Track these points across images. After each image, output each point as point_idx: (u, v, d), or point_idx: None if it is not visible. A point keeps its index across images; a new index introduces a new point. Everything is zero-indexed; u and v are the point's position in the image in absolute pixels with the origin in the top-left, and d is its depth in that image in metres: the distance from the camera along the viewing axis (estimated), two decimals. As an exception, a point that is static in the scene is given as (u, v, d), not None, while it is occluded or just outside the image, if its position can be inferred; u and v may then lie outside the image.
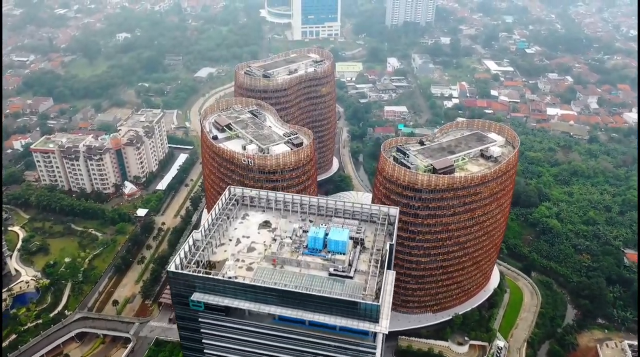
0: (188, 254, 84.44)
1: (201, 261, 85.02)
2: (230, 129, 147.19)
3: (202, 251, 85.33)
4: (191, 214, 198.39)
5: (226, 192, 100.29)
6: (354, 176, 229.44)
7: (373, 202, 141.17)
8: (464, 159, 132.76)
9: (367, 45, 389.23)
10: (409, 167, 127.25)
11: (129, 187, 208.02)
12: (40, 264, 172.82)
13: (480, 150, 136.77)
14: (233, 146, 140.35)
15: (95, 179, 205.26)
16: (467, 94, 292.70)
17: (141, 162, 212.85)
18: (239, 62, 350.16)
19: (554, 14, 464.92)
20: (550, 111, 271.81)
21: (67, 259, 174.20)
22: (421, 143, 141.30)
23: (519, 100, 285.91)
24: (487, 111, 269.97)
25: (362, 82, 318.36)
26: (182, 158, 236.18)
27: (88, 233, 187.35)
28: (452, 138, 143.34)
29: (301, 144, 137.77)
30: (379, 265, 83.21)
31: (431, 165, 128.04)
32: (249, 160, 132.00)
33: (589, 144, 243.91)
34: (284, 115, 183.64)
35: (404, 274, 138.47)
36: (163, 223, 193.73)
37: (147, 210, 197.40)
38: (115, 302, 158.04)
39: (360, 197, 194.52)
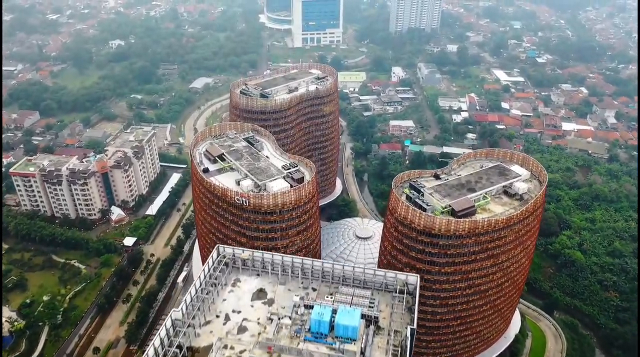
0: (165, 340, 69.26)
1: (182, 348, 69.78)
2: (223, 159, 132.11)
3: (183, 336, 70.08)
4: (182, 243, 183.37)
5: (214, 253, 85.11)
6: (358, 199, 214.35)
7: (382, 245, 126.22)
8: (485, 197, 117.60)
9: (370, 53, 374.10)
10: (424, 209, 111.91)
11: (116, 213, 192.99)
12: (17, 302, 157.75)
13: (504, 186, 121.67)
14: (226, 180, 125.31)
15: (80, 204, 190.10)
16: (477, 107, 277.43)
17: (130, 186, 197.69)
18: (237, 71, 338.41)
19: (563, 20, 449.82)
20: (566, 126, 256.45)
21: (45, 297, 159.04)
22: (436, 177, 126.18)
23: (531, 114, 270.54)
24: (498, 126, 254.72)
25: (366, 93, 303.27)
26: (174, 178, 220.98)
27: (70, 266, 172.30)
28: (471, 170, 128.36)
29: (302, 179, 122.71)
30: (398, 355, 67.97)
31: (449, 206, 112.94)
32: (243, 199, 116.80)
33: (609, 163, 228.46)
34: (283, 138, 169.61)
35: (417, 325, 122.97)
36: (152, 255, 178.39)
37: (135, 238, 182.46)
38: (97, 350, 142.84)
39: (365, 225, 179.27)
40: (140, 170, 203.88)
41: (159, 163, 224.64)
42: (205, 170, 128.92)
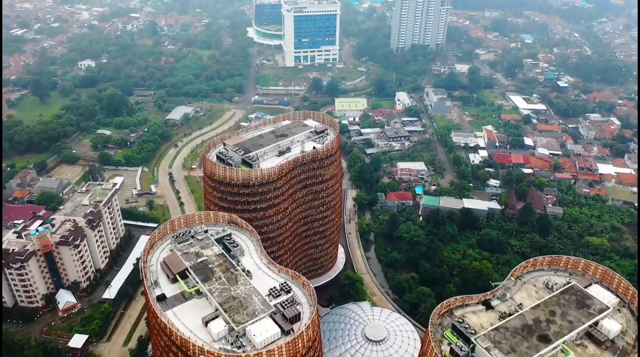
0: None
1: None
2: (186, 276, 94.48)
3: None
4: (145, 343, 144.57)
5: None
6: (364, 268, 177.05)
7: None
8: (566, 351, 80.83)
9: (370, 73, 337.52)
10: (482, 381, 75.08)
11: (64, 301, 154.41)
12: None
13: (588, 326, 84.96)
14: (190, 316, 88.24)
15: (18, 290, 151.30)
16: (497, 144, 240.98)
17: (82, 263, 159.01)
18: (221, 97, 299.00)
19: (577, 33, 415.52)
20: (602, 169, 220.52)
21: None
22: (487, 305, 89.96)
23: (560, 153, 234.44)
24: (525, 170, 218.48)
25: (368, 125, 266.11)
26: (142, 242, 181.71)
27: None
28: (534, 293, 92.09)
29: (298, 316, 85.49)
30: None
31: (519, 373, 76.16)
32: (212, 360, 79.16)
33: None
34: (273, 214, 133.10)
35: None
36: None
37: (85, 337, 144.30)
38: None
39: (376, 318, 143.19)
40: (97, 241, 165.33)
41: (123, 223, 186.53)
42: (161, 298, 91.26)
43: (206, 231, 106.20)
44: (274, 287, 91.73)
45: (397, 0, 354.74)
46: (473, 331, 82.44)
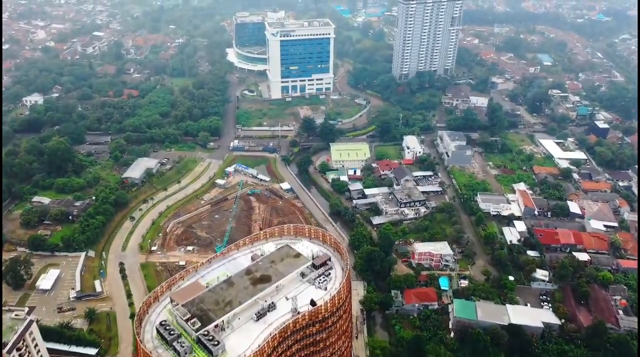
0: None
1: None
2: None
3: None
4: None
5: None
6: None
7: None
8: None
9: (370, 106, 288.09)
10: None
11: None
12: None
13: None
14: None
15: None
16: (535, 212, 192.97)
17: None
18: (193, 143, 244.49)
19: (600, 52, 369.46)
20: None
21: None
22: None
23: (616, 224, 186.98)
24: (579, 255, 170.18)
25: (372, 182, 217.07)
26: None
27: None
28: None
29: None
30: None
31: None
32: None
33: None
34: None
35: None
36: None
37: None
38: None
39: None
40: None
41: (49, 353, 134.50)
42: None
43: None
44: None
45: (400, 22, 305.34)
46: None
